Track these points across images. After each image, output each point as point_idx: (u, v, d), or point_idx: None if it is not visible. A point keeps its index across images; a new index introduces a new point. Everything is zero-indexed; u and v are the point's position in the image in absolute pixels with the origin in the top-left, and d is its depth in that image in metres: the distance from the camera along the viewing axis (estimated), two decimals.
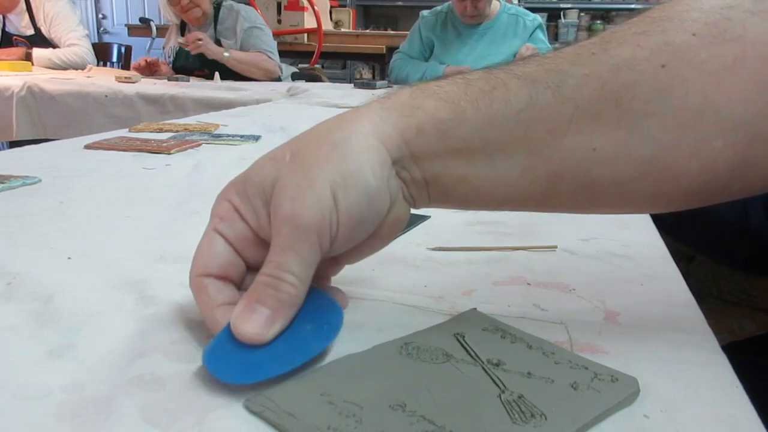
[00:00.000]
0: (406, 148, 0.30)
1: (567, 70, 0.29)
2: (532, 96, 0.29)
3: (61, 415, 0.24)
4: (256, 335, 0.27)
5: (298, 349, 0.28)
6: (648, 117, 0.29)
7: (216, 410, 0.25)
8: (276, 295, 0.28)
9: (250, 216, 0.30)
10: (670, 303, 0.37)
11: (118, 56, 3.23)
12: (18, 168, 0.68)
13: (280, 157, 0.30)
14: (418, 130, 0.30)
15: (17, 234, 0.48)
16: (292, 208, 0.28)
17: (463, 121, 0.29)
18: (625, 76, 0.29)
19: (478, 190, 0.31)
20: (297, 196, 0.28)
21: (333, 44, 3.49)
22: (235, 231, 0.30)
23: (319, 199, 0.28)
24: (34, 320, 0.33)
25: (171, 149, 0.84)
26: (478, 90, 0.30)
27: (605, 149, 0.29)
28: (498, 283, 0.40)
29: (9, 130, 1.87)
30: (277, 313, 0.28)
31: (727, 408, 0.26)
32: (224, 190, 0.31)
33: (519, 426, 0.24)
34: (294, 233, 0.28)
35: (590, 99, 0.29)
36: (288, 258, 0.28)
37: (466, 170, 0.30)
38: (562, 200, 0.32)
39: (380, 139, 0.29)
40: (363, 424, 0.23)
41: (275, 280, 0.28)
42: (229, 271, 0.31)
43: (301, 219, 0.27)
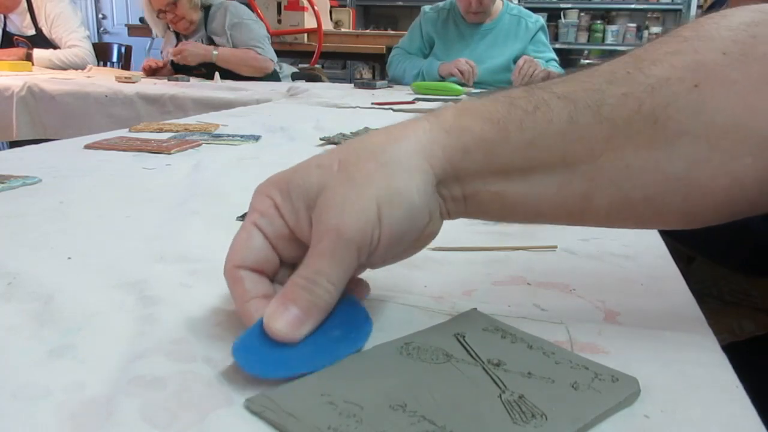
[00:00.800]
0: (451, 168, 0.31)
1: (605, 89, 0.30)
2: (573, 116, 0.30)
3: (61, 415, 0.24)
4: (286, 334, 0.28)
5: (325, 352, 0.28)
6: (681, 135, 0.30)
7: (216, 410, 0.25)
8: (309, 298, 0.29)
9: (290, 216, 0.31)
10: (670, 303, 0.37)
11: (118, 56, 3.23)
12: (18, 168, 0.68)
13: (327, 166, 0.30)
14: (464, 151, 0.31)
15: (17, 234, 0.48)
16: (338, 220, 0.28)
17: (507, 141, 0.30)
18: (659, 95, 0.30)
19: (514, 205, 0.32)
20: (344, 209, 0.29)
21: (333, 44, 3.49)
22: (274, 227, 0.31)
23: (365, 215, 0.29)
24: (34, 320, 0.33)
25: (171, 149, 0.84)
26: (521, 110, 0.31)
27: (639, 166, 0.30)
28: (498, 283, 0.40)
29: (9, 130, 1.87)
30: (308, 315, 0.29)
31: (727, 408, 0.26)
32: (265, 185, 0.32)
33: (519, 426, 0.24)
34: (336, 244, 0.28)
35: (627, 119, 0.30)
36: (326, 266, 0.29)
37: (504, 187, 0.31)
38: (595, 215, 0.33)
39: (427, 160, 0.30)
40: (363, 424, 0.23)
41: (311, 284, 0.29)
42: (264, 265, 0.31)
43: (345, 232, 0.28)
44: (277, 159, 0.82)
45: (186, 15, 2.46)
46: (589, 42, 4.68)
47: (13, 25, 2.75)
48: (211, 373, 0.28)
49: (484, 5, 2.20)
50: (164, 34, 2.62)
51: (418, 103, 1.63)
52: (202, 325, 0.32)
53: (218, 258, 0.43)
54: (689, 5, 4.24)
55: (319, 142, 0.95)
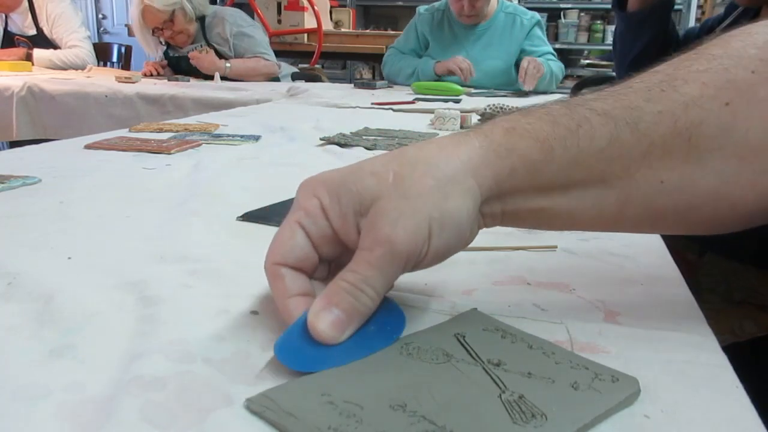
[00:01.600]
0: (496, 188, 0.32)
1: (642, 107, 0.32)
2: (613, 134, 0.31)
3: (61, 415, 0.24)
4: (328, 335, 0.29)
5: (362, 346, 0.29)
6: (713, 152, 0.31)
7: (216, 410, 0.25)
8: (354, 304, 0.29)
9: (336, 219, 0.31)
10: (670, 303, 0.37)
11: (118, 56, 3.23)
12: (18, 168, 0.68)
13: (382, 176, 0.31)
14: (511, 171, 0.31)
15: (17, 234, 0.48)
16: (391, 233, 0.29)
17: (551, 161, 0.31)
18: (693, 113, 0.31)
19: (550, 218, 0.33)
20: (397, 223, 0.29)
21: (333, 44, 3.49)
22: (318, 228, 0.32)
23: (417, 231, 0.29)
24: (35, 320, 0.33)
25: (171, 149, 0.84)
26: (564, 128, 0.32)
27: (672, 181, 0.32)
28: (498, 283, 0.40)
29: (9, 130, 1.87)
30: (350, 319, 0.29)
31: (727, 408, 0.26)
32: (312, 185, 0.32)
33: (519, 426, 0.24)
34: (386, 256, 0.29)
35: (663, 136, 0.31)
36: (374, 275, 0.29)
37: (543, 203, 0.33)
38: (626, 225, 0.34)
39: (477, 181, 0.31)
40: (363, 424, 0.23)
41: (357, 291, 0.29)
42: (304, 264, 0.32)
43: (397, 245, 0.29)
44: (277, 159, 0.82)
45: (183, 30, 2.46)
46: (589, 42, 4.68)
47: (14, 24, 2.75)
48: (211, 373, 0.28)
49: (476, 9, 2.18)
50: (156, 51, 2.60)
51: (418, 103, 1.63)
52: (202, 325, 0.32)
53: (218, 258, 0.43)
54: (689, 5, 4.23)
55: (319, 142, 0.95)
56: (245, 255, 0.44)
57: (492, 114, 1.23)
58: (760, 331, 0.69)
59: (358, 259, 0.30)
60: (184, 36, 2.49)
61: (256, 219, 0.52)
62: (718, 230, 0.34)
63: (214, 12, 2.55)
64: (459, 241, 0.32)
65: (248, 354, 0.30)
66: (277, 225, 0.52)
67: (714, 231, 0.35)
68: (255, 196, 0.60)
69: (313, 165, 0.79)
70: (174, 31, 2.44)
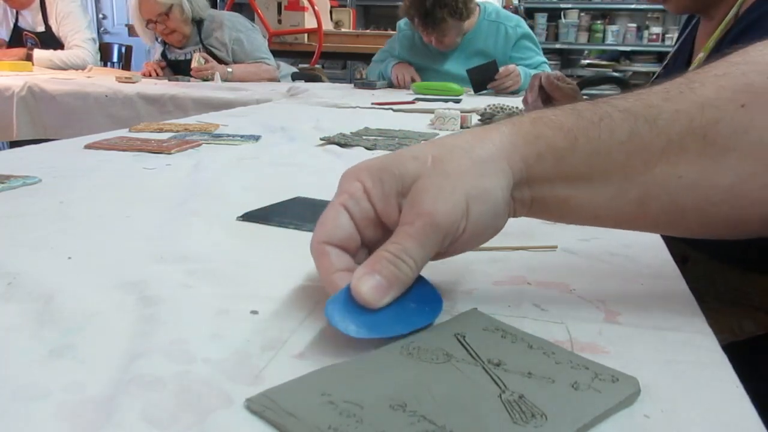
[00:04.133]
0: (526, 172, 0.34)
1: (661, 105, 0.33)
2: (633, 129, 0.33)
3: (61, 415, 0.24)
4: (370, 297, 0.31)
5: (403, 321, 0.31)
6: (728, 151, 0.33)
7: (216, 410, 0.25)
8: (394, 271, 0.31)
9: (379, 201, 0.33)
10: (670, 303, 0.37)
11: (119, 56, 3.23)
12: (18, 168, 0.68)
13: (422, 159, 0.33)
14: (538, 157, 0.33)
15: (17, 234, 0.48)
16: (432, 207, 0.31)
17: (575, 149, 0.33)
18: (709, 113, 0.33)
19: (575, 209, 0.35)
20: (438, 197, 0.31)
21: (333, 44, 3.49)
22: (361, 210, 0.34)
23: (456, 205, 0.31)
24: (35, 320, 0.33)
25: (171, 149, 0.84)
26: (587, 120, 0.34)
27: (690, 177, 0.33)
28: (498, 283, 0.40)
29: (9, 130, 1.87)
30: (390, 286, 0.31)
31: (727, 408, 0.26)
32: (355, 170, 0.34)
33: (520, 426, 0.24)
34: (426, 228, 0.31)
35: (680, 133, 0.33)
36: (414, 245, 0.31)
37: (568, 192, 0.34)
38: (648, 222, 0.36)
39: (508, 163, 0.33)
40: (363, 424, 0.23)
41: (397, 260, 0.31)
42: (348, 243, 0.34)
43: (437, 218, 0.31)
44: (277, 159, 0.82)
45: (178, 28, 2.45)
46: (589, 42, 4.68)
47: (24, 21, 2.76)
48: (211, 373, 0.28)
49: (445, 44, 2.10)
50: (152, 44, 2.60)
51: (418, 103, 1.63)
52: (202, 325, 0.32)
53: (218, 258, 0.43)
54: None
55: (319, 142, 0.95)
56: (245, 255, 0.44)
57: (492, 114, 1.23)
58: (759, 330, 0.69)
59: (399, 232, 0.32)
60: (179, 35, 2.48)
61: (256, 219, 0.52)
62: (740, 233, 0.35)
63: (212, 16, 2.54)
64: (494, 220, 0.34)
65: (248, 354, 0.30)
66: (277, 225, 0.52)
67: (736, 234, 0.36)
68: (255, 196, 0.60)
69: (313, 165, 0.79)
70: (167, 26, 2.43)
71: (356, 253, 0.35)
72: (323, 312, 0.32)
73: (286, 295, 0.37)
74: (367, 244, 0.35)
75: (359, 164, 0.34)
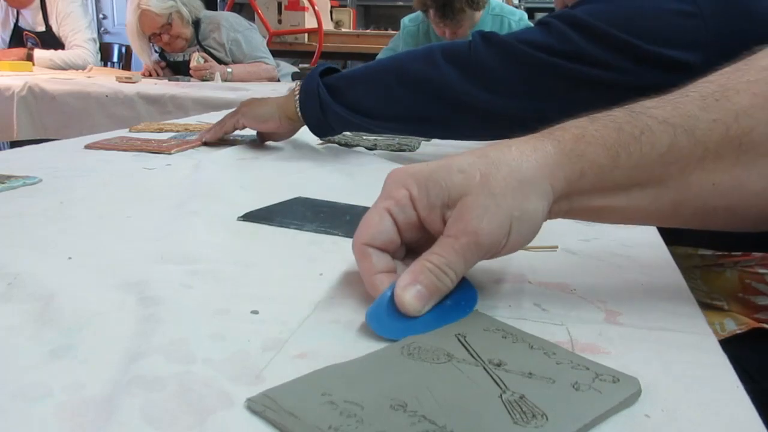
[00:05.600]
0: (567, 189, 0.35)
1: (698, 115, 0.34)
2: (672, 141, 0.34)
3: (62, 415, 0.24)
4: (412, 306, 0.32)
5: (440, 320, 0.33)
6: (762, 157, 0.34)
7: (217, 410, 0.25)
8: (435, 282, 0.33)
9: (423, 209, 0.34)
10: (670, 303, 0.37)
11: (119, 56, 3.23)
12: (18, 168, 0.68)
13: (470, 174, 0.34)
14: (581, 175, 0.34)
15: (18, 234, 0.48)
16: (478, 226, 0.33)
17: (617, 166, 0.34)
18: (744, 122, 0.34)
19: (609, 214, 0.36)
20: (483, 217, 0.33)
21: (333, 44, 3.49)
22: (405, 216, 0.35)
23: (500, 226, 0.33)
24: (35, 320, 0.33)
25: (171, 149, 0.84)
26: (629, 135, 0.35)
27: (724, 184, 0.35)
28: (499, 283, 0.40)
29: (10, 130, 1.87)
30: (432, 295, 0.33)
31: (727, 408, 0.26)
32: (402, 176, 0.35)
33: (520, 426, 0.24)
34: (470, 245, 0.33)
35: (717, 142, 0.34)
36: (457, 260, 0.33)
37: (605, 202, 0.36)
38: (680, 221, 0.37)
39: (551, 183, 0.34)
40: (364, 424, 0.23)
41: (440, 272, 0.33)
42: (389, 246, 0.35)
43: (481, 237, 0.33)
44: (278, 159, 0.82)
45: (181, 34, 2.44)
46: None
47: (24, 20, 2.75)
48: (211, 373, 0.28)
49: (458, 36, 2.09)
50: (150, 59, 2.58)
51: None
52: (202, 325, 0.32)
53: (218, 258, 0.43)
54: None
55: (320, 141, 0.95)
56: (245, 255, 0.44)
57: None
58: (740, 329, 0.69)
59: (443, 244, 0.33)
60: (182, 41, 2.47)
61: (257, 219, 0.52)
62: (764, 227, 0.37)
63: (209, 17, 2.53)
64: (531, 236, 0.35)
65: (248, 354, 0.30)
66: (278, 225, 0.52)
67: (760, 228, 0.37)
68: (255, 196, 0.60)
69: (313, 165, 0.79)
70: (171, 35, 2.42)
71: (396, 252, 0.36)
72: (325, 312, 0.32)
73: (287, 295, 0.37)
74: (407, 244, 0.37)
75: (406, 169, 0.35)
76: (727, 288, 0.73)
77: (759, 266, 0.70)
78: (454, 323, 0.33)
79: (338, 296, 0.37)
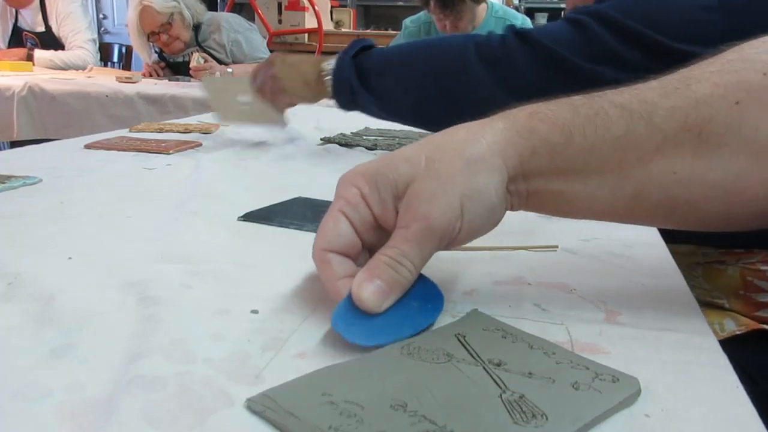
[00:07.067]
0: (521, 167, 0.34)
1: (656, 102, 0.34)
2: (629, 125, 0.33)
3: (61, 415, 0.24)
4: (371, 302, 0.31)
5: (408, 322, 0.32)
6: (721, 147, 0.33)
7: (217, 410, 0.25)
8: (394, 275, 0.32)
9: (376, 205, 0.34)
10: (670, 303, 0.37)
11: (119, 56, 3.23)
12: (18, 168, 0.68)
13: (415, 161, 0.33)
14: (532, 152, 0.34)
15: (18, 234, 0.48)
16: (426, 211, 0.32)
17: (570, 145, 0.33)
18: (704, 110, 0.33)
19: (571, 202, 0.35)
20: (432, 201, 0.32)
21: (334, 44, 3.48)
22: (360, 215, 0.34)
23: (450, 208, 0.32)
24: (35, 320, 0.33)
25: (171, 149, 0.84)
26: (583, 116, 0.34)
27: (684, 173, 0.33)
28: (499, 283, 0.40)
29: (10, 130, 1.87)
30: (391, 290, 0.32)
31: (727, 408, 0.26)
32: (351, 176, 0.35)
33: (520, 426, 0.24)
34: (422, 231, 0.32)
35: (675, 129, 0.33)
36: (411, 249, 0.32)
37: (564, 187, 0.35)
38: (642, 215, 0.36)
39: (502, 159, 0.33)
40: (364, 423, 0.23)
41: (396, 263, 0.32)
42: (349, 250, 0.34)
43: (432, 221, 0.32)
44: (278, 159, 0.82)
45: (180, 35, 2.44)
46: None
47: (24, 20, 2.75)
48: (211, 373, 0.28)
49: (459, 29, 2.11)
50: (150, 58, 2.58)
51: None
52: (202, 325, 0.32)
53: (219, 258, 0.43)
54: None
55: (320, 141, 0.95)
56: (245, 255, 0.44)
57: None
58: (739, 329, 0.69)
59: (396, 236, 0.33)
60: (180, 43, 2.47)
61: (257, 219, 0.52)
62: (734, 227, 0.36)
63: (210, 18, 2.53)
64: (489, 218, 0.34)
65: (248, 354, 0.30)
66: (278, 225, 0.52)
67: (729, 228, 0.36)
68: (255, 196, 0.60)
69: (313, 165, 0.79)
70: (170, 35, 2.42)
71: (358, 257, 0.35)
72: (324, 312, 0.32)
73: (287, 295, 0.37)
74: (368, 247, 0.35)
75: (355, 169, 0.35)
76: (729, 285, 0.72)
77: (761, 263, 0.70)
78: (453, 323, 0.33)
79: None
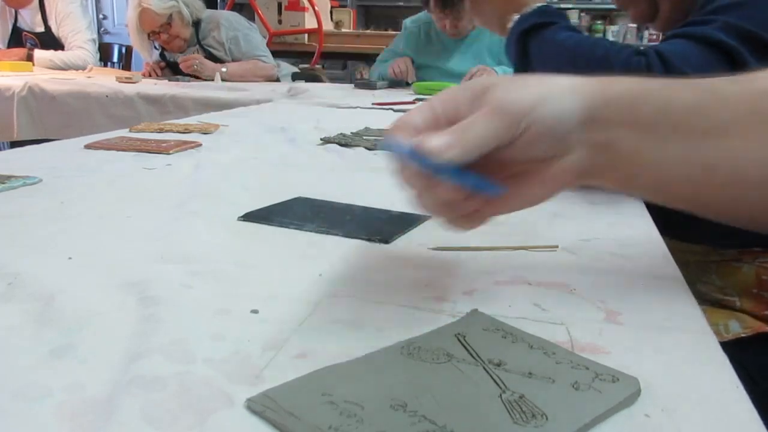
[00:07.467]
0: (602, 109, 0.36)
1: (726, 87, 0.36)
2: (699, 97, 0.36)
3: (61, 415, 0.24)
4: (437, 148, 0.33)
5: (468, 177, 0.34)
6: None
7: (217, 410, 0.25)
8: (461, 135, 0.34)
9: (463, 104, 0.36)
10: (670, 303, 0.37)
11: (119, 56, 3.23)
12: (19, 168, 0.68)
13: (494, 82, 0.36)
14: (611, 97, 0.36)
15: (18, 234, 0.48)
16: (502, 96, 0.35)
17: (646, 102, 0.36)
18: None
19: (642, 167, 0.37)
20: (508, 91, 0.35)
21: (333, 44, 3.49)
22: (443, 109, 0.36)
23: (522, 100, 0.34)
24: (35, 320, 0.33)
25: (170, 149, 0.84)
26: (656, 83, 0.37)
27: (755, 153, 0.35)
28: (499, 283, 0.40)
29: (10, 130, 1.87)
30: (456, 144, 0.33)
31: (727, 408, 0.26)
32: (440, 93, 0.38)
33: (520, 426, 0.24)
34: (494, 110, 0.34)
35: (744, 112, 0.35)
36: (480, 121, 0.34)
37: (639, 144, 0.36)
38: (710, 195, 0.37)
39: (583, 96, 0.35)
40: (364, 423, 0.23)
41: (464, 128, 0.34)
42: (423, 131, 0.36)
43: (504, 104, 0.34)
44: (278, 159, 0.82)
45: (180, 34, 2.44)
46: None
47: (23, 21, 2.75)
48: (211, 373, 0.28)
49: (458, 28, 2.12)
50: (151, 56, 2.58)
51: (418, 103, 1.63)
52: (202, 325, 0.32)
53: (219, 258, 0.43)
54: None
55: (320, 142, 0.95)
56: (246, 255, 0.44)
57: None
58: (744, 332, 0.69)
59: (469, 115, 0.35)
60: (180, 41, 2.47)
61: (257, 219, 0.52)
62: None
63: (209, 16, 2.53)
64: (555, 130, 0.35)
65: (248, 354, 0.30)
66: (278, 225, 0.52)
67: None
68: (255, 196, 0.60)
69: (313, 165, 0.79)
70: (170, 35, 2.42)
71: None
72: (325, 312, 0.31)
73: (287, 295, 0.37)
74: None
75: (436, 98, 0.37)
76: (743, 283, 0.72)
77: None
78: (453, 323, 0.33)
79: (338, 296, 0.37)
